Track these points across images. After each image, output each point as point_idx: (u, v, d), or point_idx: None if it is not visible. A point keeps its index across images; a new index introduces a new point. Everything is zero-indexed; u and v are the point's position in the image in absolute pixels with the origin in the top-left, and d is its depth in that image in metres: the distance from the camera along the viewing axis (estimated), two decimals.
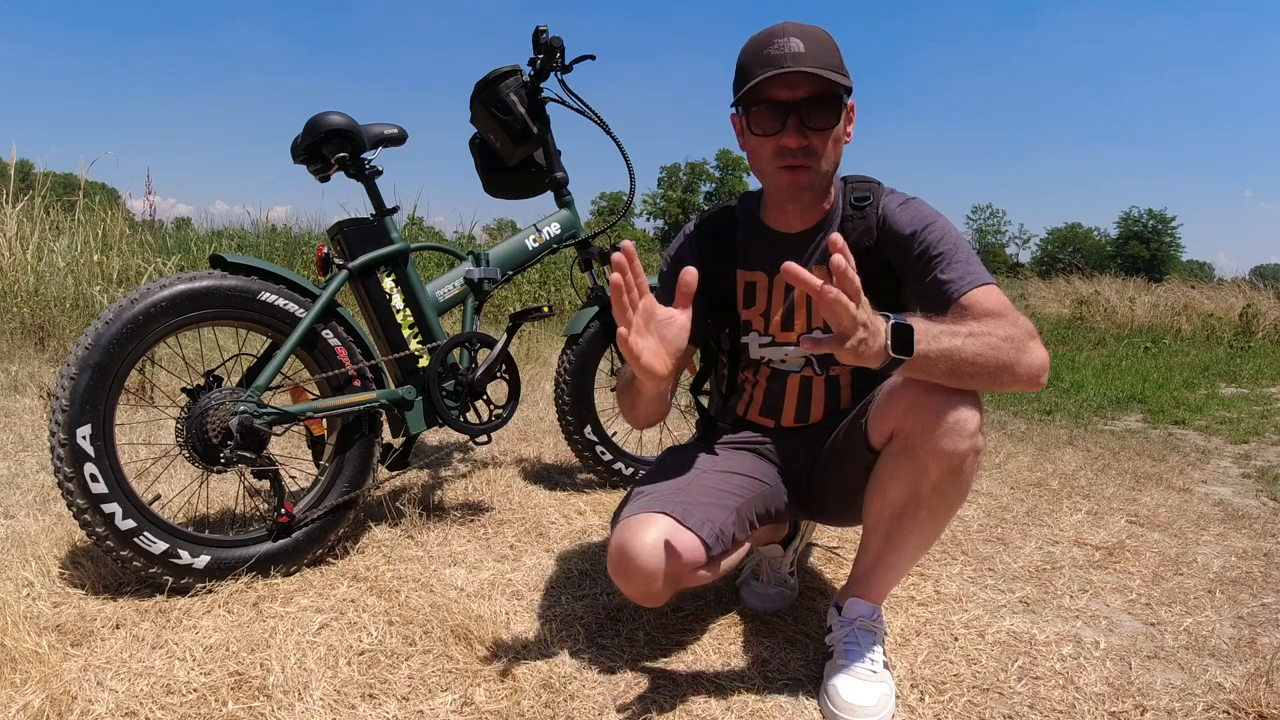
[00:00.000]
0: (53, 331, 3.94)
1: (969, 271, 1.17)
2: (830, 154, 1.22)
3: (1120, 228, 55.98)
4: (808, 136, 1.19)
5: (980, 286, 1.16)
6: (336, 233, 1.79)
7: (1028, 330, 1.09)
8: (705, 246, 1.39)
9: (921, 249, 1.21)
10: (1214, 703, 1.23)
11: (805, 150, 1.19)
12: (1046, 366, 1.10)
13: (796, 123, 1.18)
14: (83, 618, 1.38)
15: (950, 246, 1.20)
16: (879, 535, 1.22)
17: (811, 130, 1.19)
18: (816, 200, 1.29)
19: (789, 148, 1.19)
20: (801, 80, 1.16)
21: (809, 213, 1.31)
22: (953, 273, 1.17)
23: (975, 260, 1.20)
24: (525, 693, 1.19)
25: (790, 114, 1.18)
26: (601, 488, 2.28)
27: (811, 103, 1.17)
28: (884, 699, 1.16)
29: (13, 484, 2.10)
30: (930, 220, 1.23)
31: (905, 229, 1.24)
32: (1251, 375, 5.58)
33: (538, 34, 1.94)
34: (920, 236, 1.22)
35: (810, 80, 1.16)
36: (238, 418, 1.51)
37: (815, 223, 1.32)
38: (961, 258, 1.19)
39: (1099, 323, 9.41)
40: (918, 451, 1.12)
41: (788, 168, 1.21)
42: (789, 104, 1.17)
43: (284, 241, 7.23)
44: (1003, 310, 1.12)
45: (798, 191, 1.24)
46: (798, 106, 1.17)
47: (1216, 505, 2.34)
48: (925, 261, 1.21)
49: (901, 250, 1.24)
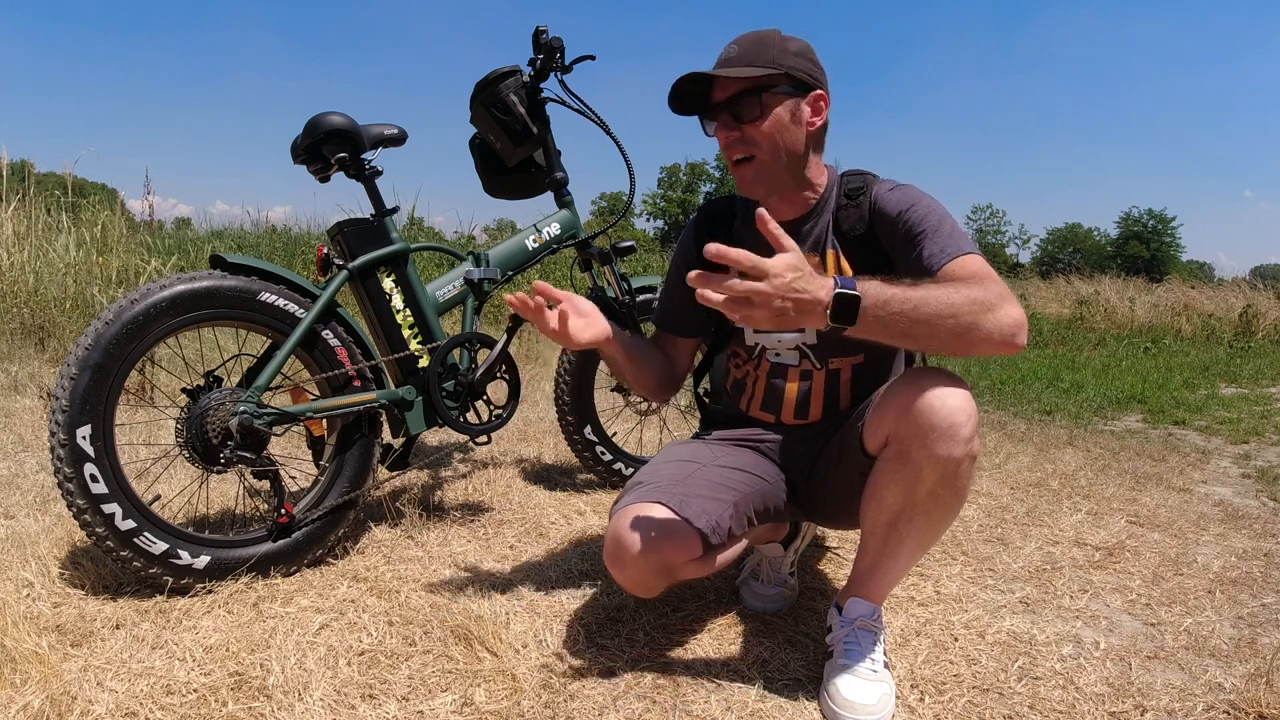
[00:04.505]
0: (53, 332, 3.94)
1: (949, 244, 1.18)
2: (774, 143, 1.26)
3: (1120, 228, 55.95)
4: (739, 129, 1.26)
5: (958, 257, 1.16)
6: (336, 233, 1.79)
7: (998, 293, 1.07)
8: (702, 232, 1.46)
9: (905, 228, 1.23)
10: (1214, 703, 1.22)
11: (740, 141, 1.27)
12: (1021, 326, 1.06)
13: (728, 120, 1.27)
14: (83, 618, 1.38)
15: (934, 223, 1.21)
16: (876, 539, 1.22)
17: (743, 123, 1.26)
18: (787, 186, 1.32)
19: (723, 143, 1.29)
20: (728, 81, 1.25)
21: (786, 202, 1.33)
22: (933, 247, 1.18)
23: (959, 234, 1.20)
24: (525, 693, 1.19)
25: (722, 113, 1.27)
26: (601, 488, 2.28)
27: (737, 99, 1.25)
28: (884, 699, 1.16)
29: (13, 484, 2.10)
30: (915, 201, 1.25)
31: (892, 210, 1.26)
32: (1251, 375, 5.58)
33: (538, 34, 1.94)
34: (904, 216, 1.24)
35: (734, 80, 1.24)
36: (238, 418, 1.51)
37: (802, 213, 1.34)
38: (945, 232, 1.19)
39: (1099, 323, 9.41)
40: (912, 457, 1.12)
41: (735, 163, 1.30)
42: (720, 104, 1.27)
43: (284, 242, 7.24)
44: (978, 276, 1.12)
45: (746, 185, 1.31)
46: (728, 105, 1.26)
47: (1216, 505, 2.34)
48: (909, 239, 1.22)
49: (889, 231, 1.26)
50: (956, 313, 1.04)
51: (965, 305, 1.04)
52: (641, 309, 2.16)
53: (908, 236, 1.22)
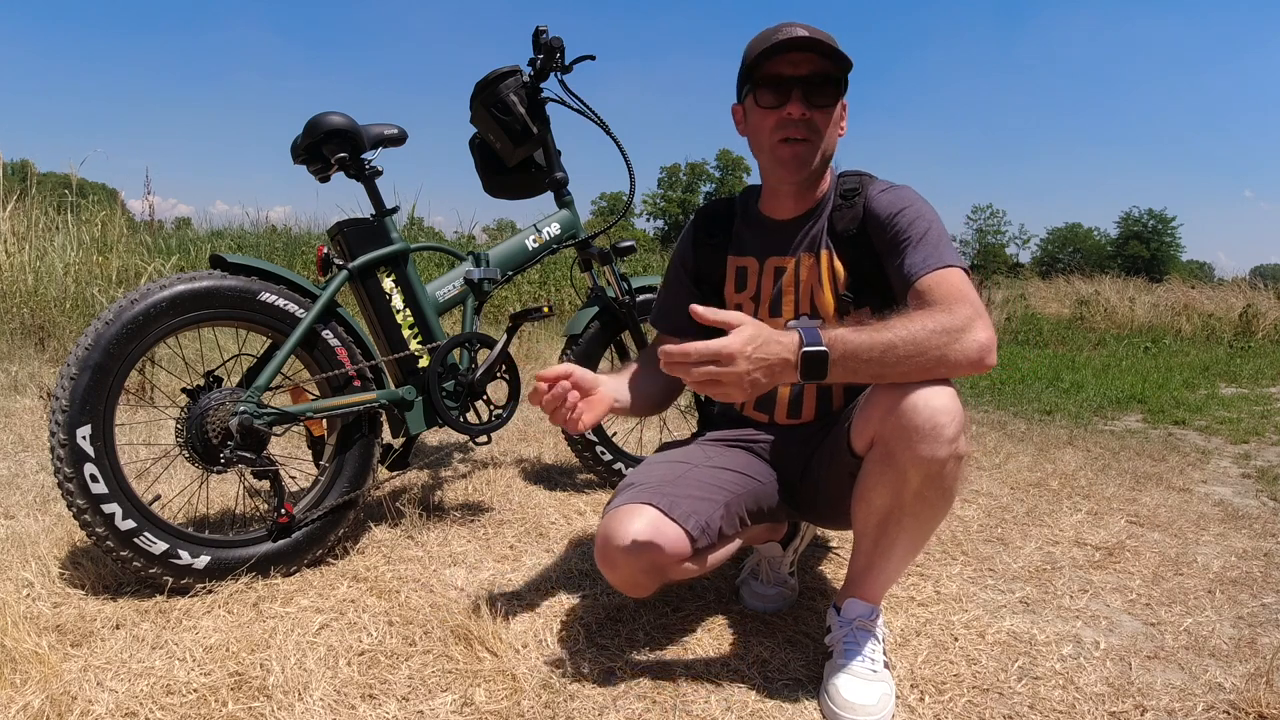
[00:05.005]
0: (53, 332, 3.94)
1: (930, 255, 1.18)
2: (829, 135, 1.27)
3: (1120, 228, 55.91)
4: (810, 112, 1.24)
5: (936, 270, 1.16)
6: (336, 233, 1.79)
7: (966, 317, 1.09)
8: (700, 233, 1.45)
9: (893, 231, 1.23)
10: (1214, 703, 1.23)
11: (808, 124, 1.24)
12: (987, 349, 1.09)
13: (800, 95, 1.23)
14: (83, 618, 1.38)
15: (920, 231, 1.21)
16: (868, 540, 1.22)
17: (814, 107, 1.24)
18: (812, 183, 1.32)
19: (792, 117, 1.24)
20: (806, 58, 1.22)
21: (802, 199, 1.34)
22: (915, 257, 1.19)
23: (943, 244, 1.20)
24: (525, 693, 1.19)
25: (795, 88, 1.23)
26: (601, 488, 2.28)
27: (816, 79, 1.23)
28: (884, 698, 1.16)
29: (13, 484, 2.10)
30: (907, 204, 1.25)
31: (883, 212, 1.26)
32: (1251, 375, 5.58)
33: (538, 34, 1.94)
34: (894, 219, 1.24)
35: (815, 59, 1.21)
36: (238, 418, 1.51)
37: (806, 210, 1.35)
38: (930, 241, 1.20)
39: (1099, 323, 9.41)
40: (897, 459, 1.11)
41: (788, 140, 1.26)
42: (793, 79, 1.23)
43: (284, 241, 7.24)
44: (952, 296, 1.12)
45: (797, 166, 1.28)
46: (802, 81, 1.23)
47: (1216, 505, 2.34)
48: (895, 244, 1.23)
49: (878, 232, 1.26)
50: (924, 349, 1.07)
51: (931, 339, 1.07)
52: (641, 309, 2.17)
53: (894, 241, 1.23)
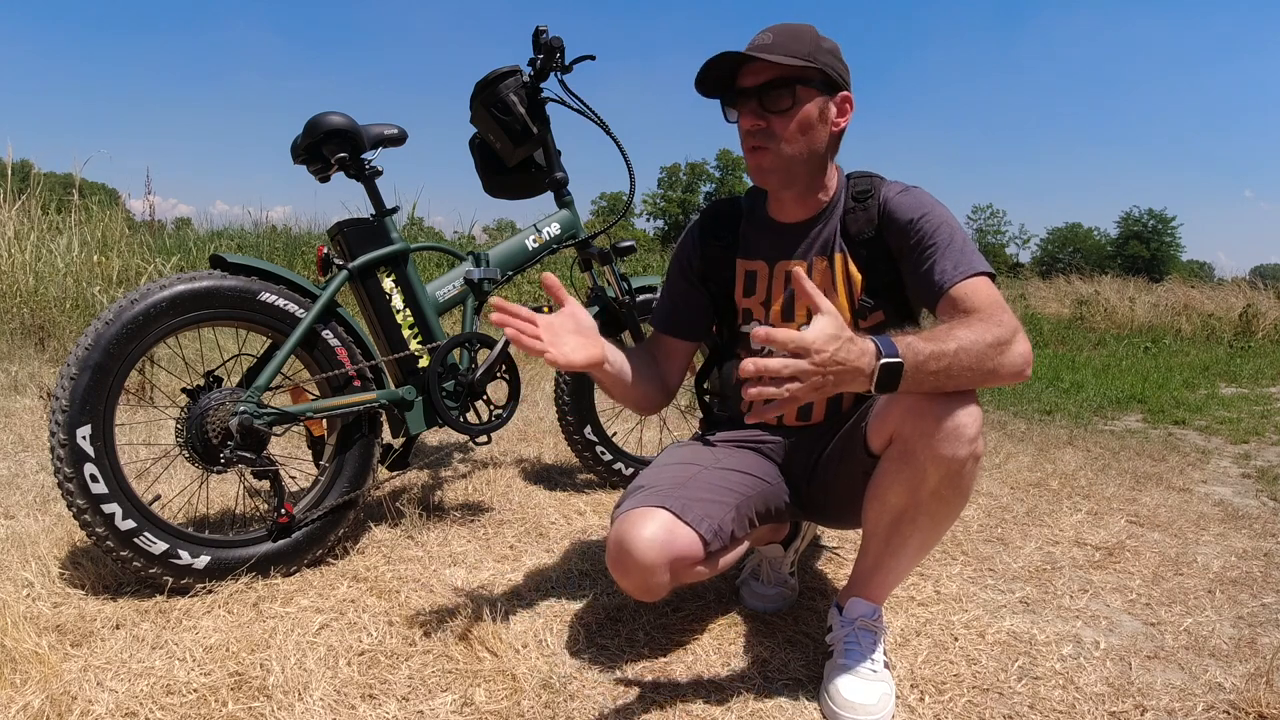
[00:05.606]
0: (53, 332, 3.94)
1: (961, 262, 1.18)
2: (795, 139, 1.25)
3: (1120, 228, 55.92)
4: (766, 119, 1.24)
5: (970, 279, 1.16)
6: (336, 233, 1.79)
7: (1012, 328, 1.09)
8: (707, 236, 1.43)
9: (917, 238, 1.23)
10: (1214, 703, 1.23)
11: (764, 132, 1.25)
12: (1029, 360, 1.10)
13: (756, 106, 1.24)
14: (83, 618, 1.38)
15: (945, 237, 1.21)
16: (879, 539, 1.22)
17: (770, 113, 1.24)
18: (807, 186, 1.31)
19: (746, 129, 1.26)
20: (762, 67, 1.22)
21: (805, 202, 1.33)
22: (945, 263, 1.18)
23: (970, 250, 1.20)
24: (525, 693, 1.19)
25: (751, 99, 1.24)
26: (601, 488, 2.28)
27: (769, 87, 1.23)
28: (884, 698, 1.16)
29: (13, 484, 2.10)
30: (928, 209, 1.24)
31: (903, 216, 1.25)
32: (1251, 375, 5.58)
33: (538, 34, 1.94)
34: (917, 225, 1.23)
35: (769, 66, 1.22)
36: (238, 418, 1.51)
37: (814, 214, 1.34)
38: (956, 248, 1.19)
39: (1099, 323, 9.41)
40: (916, 457, 1.12)
41: (751, 149, 1.27)
42: (750, 90, 1.24)
43: (284, 242, 7.24)
44: (990, 307, 1.12)
45: (761, 174, 1.29)
46: (758, 91, 1.23)
47: (1216, 505, 2.34)
48: (920, 251, 1.22)
49: (899, 237, 1.25)
50: (981, 361, 1.06)
51: (988, 352, 1.06)
52: (641, 309, 2.16)
53: (918, 248, 1.22)
